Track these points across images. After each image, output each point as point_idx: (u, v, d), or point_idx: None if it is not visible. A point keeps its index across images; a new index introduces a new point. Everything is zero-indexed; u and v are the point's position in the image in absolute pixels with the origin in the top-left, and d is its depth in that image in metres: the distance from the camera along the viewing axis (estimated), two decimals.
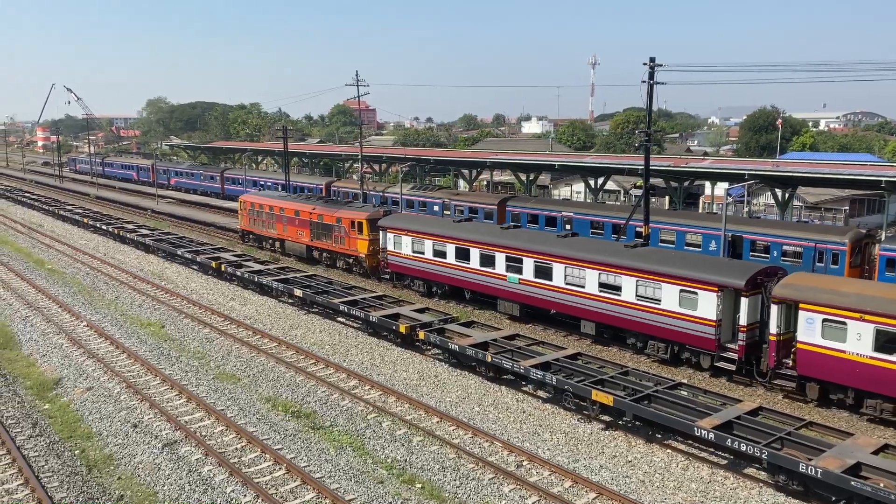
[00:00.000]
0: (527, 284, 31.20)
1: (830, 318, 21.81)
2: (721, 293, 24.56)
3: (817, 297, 22.22)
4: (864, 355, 21.26)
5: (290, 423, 21.92)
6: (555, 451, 20.21)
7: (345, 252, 42.55)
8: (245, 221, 51.87)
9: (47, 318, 33.27)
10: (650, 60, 33.74)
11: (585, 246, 30.28)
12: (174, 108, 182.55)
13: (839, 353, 21.78)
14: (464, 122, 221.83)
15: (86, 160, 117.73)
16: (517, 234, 33.38)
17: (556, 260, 29.84)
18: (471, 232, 34.48)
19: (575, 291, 29.22)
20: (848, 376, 21.79)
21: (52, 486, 18.25)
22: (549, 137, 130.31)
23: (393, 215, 41.04)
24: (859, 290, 22.16)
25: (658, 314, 26.39)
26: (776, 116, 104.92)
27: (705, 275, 25.08)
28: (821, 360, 22.24)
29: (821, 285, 22.84)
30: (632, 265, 27.27)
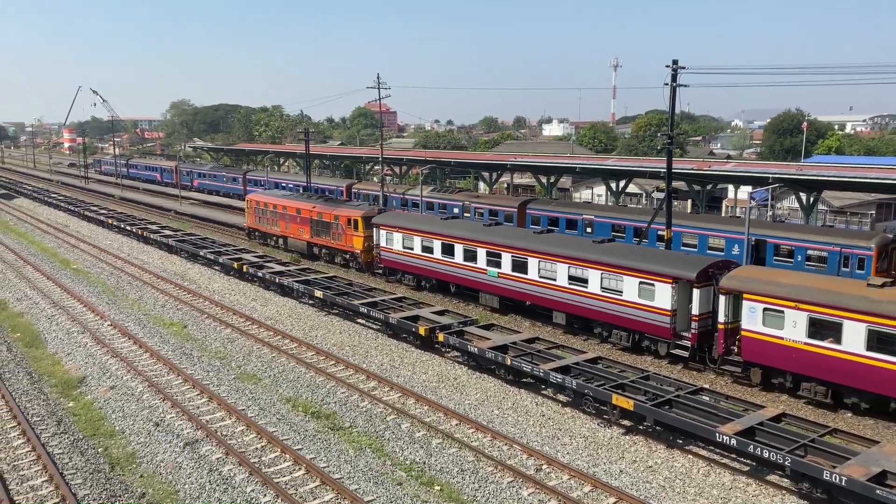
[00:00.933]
0: (505, 278, 32.94)
1: (770, 307, 23.39)
2: (675, 285, 26.15)
3: (759, 288, 23.82)
4: (800, 341, 22.87)
5: (309, 424, 22.03)
6: (574, 455, 20.11)
7: (342, 248, 44.43)
8: (251, 219, 54.00)
9: (72, 318, 33.74)
10: (673, 63, 33.48)
11: (557, 242, 31.95)
12: (198, 111, 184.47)
13: (778, 339, 23.39)
14: (484, 124, 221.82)
15: (111, 162, 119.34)
16: (497, 230, 35.30)
17: (531, 255, 31.53)
18: (455, 229, 36.29)
19: (548, 284, 30.92)
20: (786, 361, 23.37)
21: (75, 483, 18.49)
22: (570, 140, 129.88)
23: (386, 213, 42.76)
24: (795, 282, 23.70)
25: (620, 305, 28.03)
26: (801, 119, 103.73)
27: (661, 268, 26.71)
28: (762, 347, 23.84)
29: (762, 277, 24.48)
30: (597, 259, 28.92)
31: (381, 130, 69.26)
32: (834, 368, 22.28)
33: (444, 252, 36.22)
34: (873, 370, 21.32)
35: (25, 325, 32.69)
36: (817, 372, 22.79)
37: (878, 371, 21.25)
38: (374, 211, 43.20)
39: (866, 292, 22.01)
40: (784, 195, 58.64)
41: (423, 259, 37.59)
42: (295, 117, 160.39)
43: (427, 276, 38.16)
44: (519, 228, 41.13)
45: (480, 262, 34.16)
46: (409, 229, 38.30)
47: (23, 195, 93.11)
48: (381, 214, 42.09)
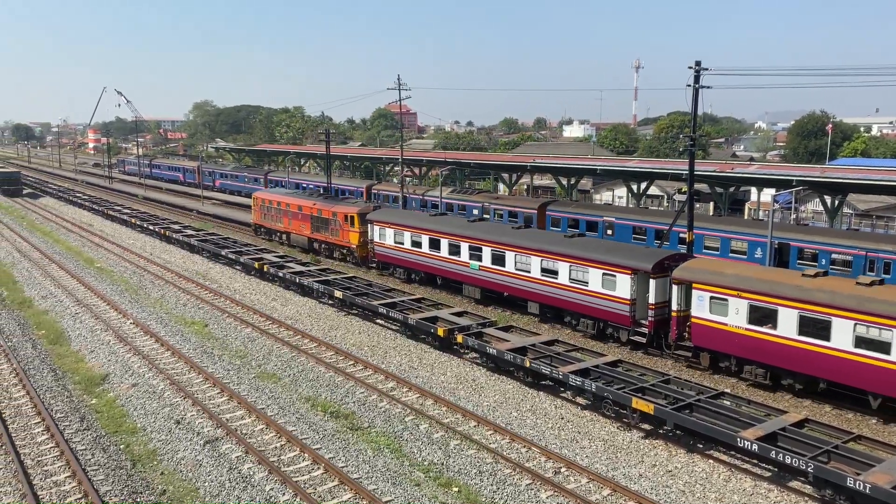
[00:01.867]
0: (486, 271, 35.00)
1: (716, 295, 25.19)
2: (634, 276, 27.97)
3: (706, 278, 25.63)
4: (741, 327, 24.64)
5: (328, 424, 22.11)
6: (593, 459, 20.00)
7: (339, 243, 46.69)
8: (257, 216, 56.57)
9: (96, 316, 34.16)
10: (696, 64, 33.20)
11: (532, 236, 33.88)
12: (220, 112, 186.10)
13: (723, 325, 25.20)
14: (504, 125, 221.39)
15: (134, 162, 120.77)
16: (479, 226, 37.14)
17: (508, 248, 33.50)
18: (441, 224, 38.35)
19: (523, 276, 32.90)
20: (730, 345, 25.21)
21: (97, 479, 18.71)
22: (590, 141, 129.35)
23: (379, 210, 45.00)
24: (738, 272, 25.50)
25: (586, 295, 29.96)
26: (826, 121, 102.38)
27: (621, 260, 28.60)
28: (710, 333, 25.65)
29: (709, 268, 26.27)
30: (566, 252, 30.80)
31: (400, 131, 69.45)
32: (771, 352, 24.02)
33: (431, 246, 38.16)
34: (805, 353, 23.13)
35: (50, 323, 33.15)
36: (757, 355, 24.52)
37: (808, 354, 23.08)
38: (369, 208, 45.39)
39: (799, 282, 23.77)
40: (808, 198, 57.94)
41: (413, 253, 39.57)
42: (316, 118, 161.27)
43: (416, 270, 40.02)
44: (499, 224, 42.70)
45: (464, 256, 36.08)
46: (400, 225, 40.39)
47: (48, 194, 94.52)
48: (375, 211, 44.19)
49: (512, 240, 33.60)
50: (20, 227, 64.90)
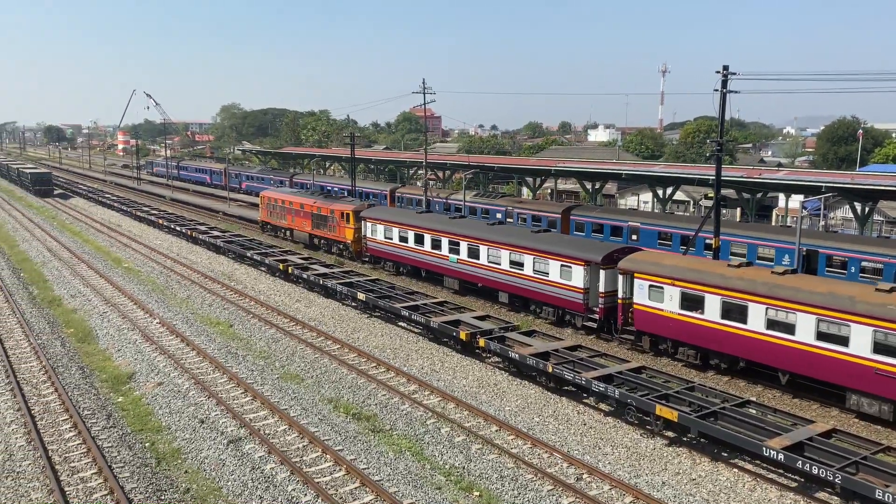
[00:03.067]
0: (463, 263, 37.76)
1: (654, 283, 27.70)
2: (587, 267, 30.51)
3: (646, 268, 28.23)
4: (675, 312, 27.10)
5: (350, 425, 22.19)
6: (616, 466, 19.84)
7: (336, 239, 49.67)
8: (264, 214, 59.71)
9: (123, 315, 34.63)
10: (723, 68, 32.87)
11: (503, 231, 36.75)
12: (247, 115, 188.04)
13: (660, 311, 27.69)
14: (529, 129, 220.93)
15: (162, 163, 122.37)
16: (458, 222, 40.12)
17: (482, 243, 36.27)
18: (425, 221, 41.25)
19: (494, 268, 35.64)
20: (666, 329, 27.68)
21: (123, 476, 18.94)
22: (615, 146, 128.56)
23: (372, 208, 47.82)
24: (673, 263, 28.16)
25: (547, 285, 32.55)
26: (857, 127, 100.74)
27: (576, 252, 31.30)
28: (649, 318, 28.16)
29: (649, 259, 28.98)
30: (530, 246, 33.44)
31: (425, 135, 69.51)
32: (700, 334, 26.56)
33: (416, 242, 41.15)
34: (727, 335, 25.62)
35: (79, 321, 33.68)
36: (689, 338, 27.04)
37: (730, 336, 25.51)
38: (363, 206, 48.46)
39: (723, 271, 26.39)
40: (837, 205, 57.03)
41: (400, 248, 42.65)
42: (341, 122, 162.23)
43: (403, 263, 43.12)
44: (475, 220, 44.88)
45: (444, 250, 39.02)
46: (389, 221, 43.51)
47: (78, 195, 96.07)
48: (369, 209, 47.04)
49: (485, 235, 36.50)
50: (51, 226, 66.05)
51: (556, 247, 32.50)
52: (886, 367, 21.49)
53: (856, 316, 22.06)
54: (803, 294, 23.51)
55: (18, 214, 75.97)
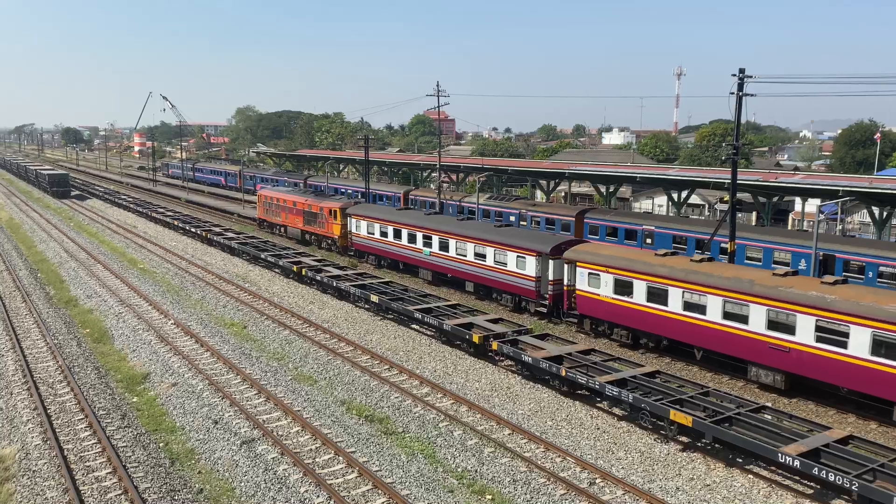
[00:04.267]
0: (435, 256, 40.76)
1: (592, 271, 30.55)
2: (538, 257, 33.53)
3: (586, 258, 31.08)
4: (610, 297, 29.98)
5: (363, 427, 22.20)
6: (629, 471, 19.72)
7: (325, 234, 52.80)
8: (261, 211, 63.22)
9: (138, 315, 34.87)
10: (739, 71, 32.66)
11: (470, 226, 39.72)
12: (262, 117, 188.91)
13: (597, 296, 30.53)
14: (543, 132, 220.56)
15: (178, 165, 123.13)
16: (431, 218, 43.19)
17: (451, 237, 39.25)
18: (403, 217, 44.34)
19: (461, 260, 38.69)
20: (603, 312, 30.55)
21: (137, 476, 19.06)
22: (630, 149, 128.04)
23: (357, 205, 50.79)
24: (608, 252, 31.27)
25: (506, 274, 35.57)
26: (874, 130, 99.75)
27: (529, 244, 34.36)
28: (589, 302, 31.04)
29: (589, 250, 32.15)
30: (491, 239, 36.52)
31: (439, 138, 69.61)
32: (631, 316, 29.39)
33: (395, 236, 44.15)
34: (652, 317, 28.40)
35: (94, 322, 33.94)
36: (621, 320, 29.93)
37: (654, 317, 28.32)
38: (350, 203, 51.38)
39: (648, 259, 29.31)
40: (855, 209, 56.49)
41: (381, 242, 45.79)
42: (355, 124, 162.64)
43: (384, 256, 46.32)
44: (447, 217, 48.03)
45: (419, 244, 41.97)
46: (371, 217, 46.76)
47: (95, 196, 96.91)
48: (354, 206, 50.01)
49: (454, 230, 39.50)
50: (68, 227, 66.67)
51: (512, 240, 35.57)
52: (777, 341, 24.33)
53: (754, 297, 24.84)
54: (713, 279, 26.34)
55: (36, 215, 76.76)
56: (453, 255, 39.12)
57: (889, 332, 21.37)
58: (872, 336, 21.76)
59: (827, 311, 22.84)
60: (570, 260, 31.78)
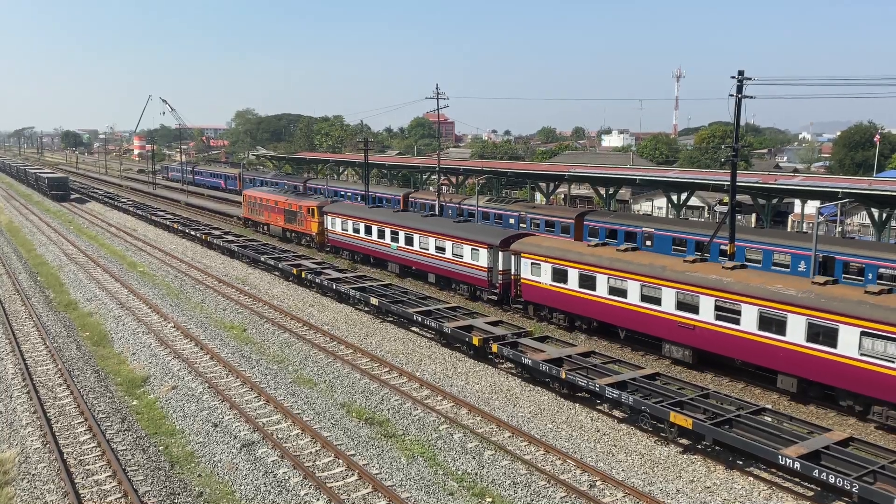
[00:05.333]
0: (401, 251, 43.42)
1: (534, 261, 33.36)
2: (490, 249, 36.25)
3: (529, 249, 33.99)
4: (549, 284, 32.77)
5: (363, 430, 22.19)
6: (630, 473, 19.70)
7: (303, 231, 55.54)
8: (246, 210, 66.22)
9: (138, 318, 34.86)
10: (738, 73, 32.71)
11: (432, 222, 42.20)
12: (261, 120, 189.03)
13: (538, 283, 33.34)
14: (542, 134, 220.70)
15: (177, 168, 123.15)
16: (398, 215, 46.05)
17: (415, 232, 41.84)
18: (373, 214, 47.27)
19: (424, 253, 41.23)
20: (543, 298, 33.39)
21: (137, 479, 19.04)
22: (630, 151, 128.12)
23: (332, 203, 53.70)
24: (547, 244, 34.03)
25: (462, 266, 38.23)
26: (874, 132, 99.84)
27: (482, 238, 37.17)
28: (532, 289, 33.86)
29: (532, 242, 34.80)
30: (450, 233, 39.21)
31: (438, 140, 69.68)
32: (566, 301, 32.21)
33: (365, 232, 46.94)
34: (583, 301, 31.25)
35: (94, 325, 33.93)
36: (559, 304, 32.72)
37: (585, 301, 31.20)
38: (326, 202, 54.25)
39: (581, 249, 32.30)
40: (854, 211, 56.53)
41: (354, 238, 48.58)
42: (355, 127, 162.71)
43: (357, 252, 48.81)
44: (412, 213, 50.19)
45: (387, 239, 44.56)
46: (345, 215, 49.63)
47: (95, 199, 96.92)
48: (330, 204, 52.84)
49: (418, 225, 42.12)
50: (67, 230, 66.67)
51: (468, 234, 38.31)
52: (685, 320, 27.05)
53: (665, 281, 27.66)
54: (632, 265, 29.18)
55: (36, 218, 76.77)
56: (417, 249, 41.77)
57: (772, 310, 24.18)
58: (759, 313, 24.59)
59: (724, 291, 25.67)
60: (516, 251, 34.64)
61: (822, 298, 23.22)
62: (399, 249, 43.46)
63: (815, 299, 23.30)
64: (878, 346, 21.67)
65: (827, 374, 23.09)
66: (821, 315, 22.96)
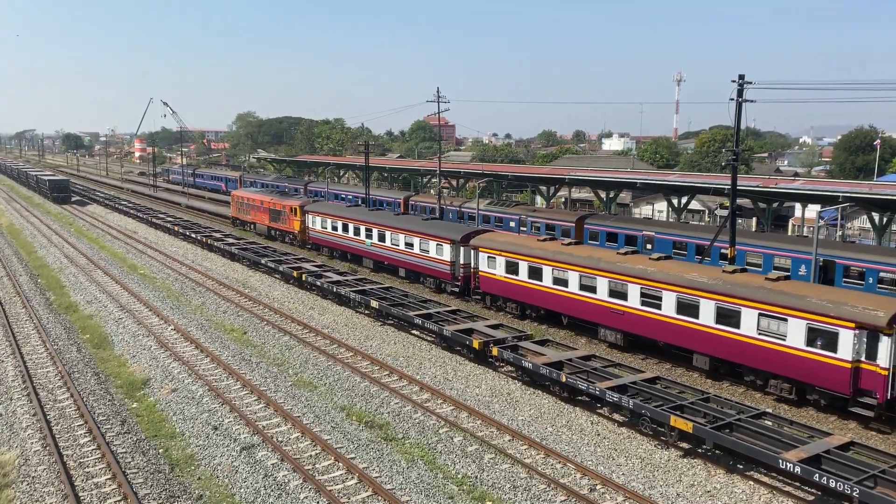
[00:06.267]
0: (375, 247, 46.26)
1: (490, 255, 36.27)
2: (452, 245, 39.13)
3: (485, 244, 36.94)
4: (502, 276, 35.63)
5: (363, 433, 22.17)
6: (630, 477, 19.68)
7: (287, 230, 58.41)
8: (234, 210, 69.45)
9: (138, 321, 34.86)
10: (739, 77, 32.73)
11: (403, 220, 45.67)
12: (262, 123, 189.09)
13: (494, 275, 36.19)
14: (543, 138, 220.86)
15: (178, 171, 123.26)
16: (373, 213, 49.26)
17: (388, 229, 44.75)
18: (351, 213, 50.56)
19: (395, 249, 44.09)
20: (498, 289, 36.24)
21: (136, 482, 19.02)
22: (630, 154, 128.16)
23: (314, 203, 56.88)
24: (503, 239, 37.27)
25: (429, 260, 41.04)
26: (874, 136, 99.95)
27: (446, 234, 39.96)
28: (488, 281, 36.68)
29: (489, 238, 37.91)
30: (418, 230, 41.98)
31: (439, 144, 69.64)
32: (518, 292, 35.06)
33: (343, 230, 49.86)
34: (531, 290, 34.16)
35: (94, 327, 33.93)
36: (512, 295, 35.59)
37: (532, 290, 34.06)
38: (308, 201, 57.31)
39: (530, 244, 35.31)
40: (855, 215, 56.53)
41: (332, 235, 51.35)
42: (356, 130, 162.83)
43: (335, 248, 51.69)
44: (385, 212, 53.44)
45: (362, 236, 47.39)
46: (325, 213, 52.58)
47: (96, 202, 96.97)
48: (312, 204, 55.97)
49: (390, 223, 45.10)
50: (68, 233, 66.69)
51: (433, 230, 40.93)
52: (616, 306, 29.86)
53: (600, 271, 30.47)
54: (573, 258, 32.11)
55: (36, 221, 76.81)
56: (389, 245, 44.61)
57: (688, 295, 26.99)
58: (677, 299, 27.38)
59: (647, 280, 28.53)
60: (475, 246, 37.55)
61: (728, 285, 25.96)
62: (373, 246, 46.23)
63: (723, 286, 26.02)
64: (772, 326, 24.41)
65: (734, 353, 25.78)
66: (728, 300, 25.65)
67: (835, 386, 23.01)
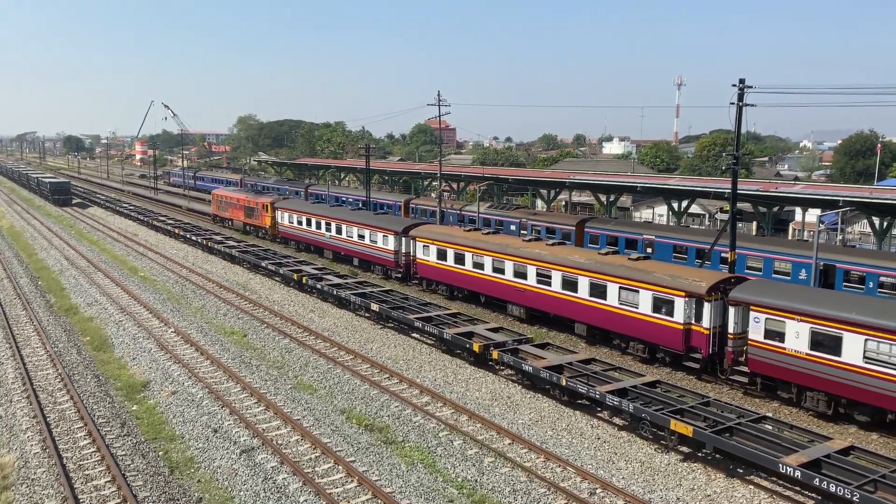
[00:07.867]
0: (334, 239, 50.96)
1: (425, 244, 40.72)
2: (395, 235, 43.45)
3: (421, 234, 41.23)
4: (435, 262, 39.96)
5: (363, 436, 22.16)
6: (630, 481, 19.67)
7: (260, 225, 63.07)
8: (214, 208, 74.10)
9: (138, 323, 34.86)
10: (739, 82, 32.75)
11: (357, 215, 49.99)
12: (263, 126, 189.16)
13: (428, 262, 40.63)
14: (543, 141, 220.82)
15: (179, 174, 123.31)
16: (333, 209, 54.84)
17: (343, 222, 49.57)
18: (314, 209, 55.19)
19: (350, 241, 48.85)
20: (432, 274, 40.54)
21: (136, 484, 19.01)
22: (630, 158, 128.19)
23: (284, 200, 61.98)
24: (437, 230, 41.46)
25: (377, 250, 45.62)
26: (875, 141, 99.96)
27: (390, 226, 44.41)
28: (424, 267, 41.13)
29: (427, 229, 41.97)
30: (367, 223, 46.65)
31: (439, 147, 69.64)
32: (447, 276, 39.30)
33: (307, 224, 54.48)
34: (458, 274, 38.33)
35: (95, 330, 33.93)
36: (444, 279, 39.76)
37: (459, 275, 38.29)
38: (279, 198, 62.78)
39: (456, 234, 39.28)
40: (855, 219, 56.51)
41: (298, 229, 56.18)
42: (356, 133, 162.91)
43: (301, 241, 56.36)
44: (344, 207, 58.54)
45: (323, 230, 52.10)
46: (291, 209, 57.23)
47: (97, 204, 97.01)
48: (281, 201, 61.09)
49: (346, 217, 49.97)
50: (69, 235, 66.72)
51: (380, 223, 45.44)
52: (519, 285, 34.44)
53: (508, 256, 34.89)
54: (488, 245, 36.27)
55: (37, 223, 76.85)
56: (345, 238, 49.27)
57: (570, 274, 31.64)
58: (563, 277, 32.05)
59: (541, 262, 33.19)
60: (414, 237, 41.84)
61: (599, 264, 30.86)
62: (332, 238, 50.95)
63: (595, 265, 30.89)
64: (630, 297, 29.14)
65: (604, 321, 30.54)
66: (598, 276, 30.49)
67: (673, 344, 27.65)
